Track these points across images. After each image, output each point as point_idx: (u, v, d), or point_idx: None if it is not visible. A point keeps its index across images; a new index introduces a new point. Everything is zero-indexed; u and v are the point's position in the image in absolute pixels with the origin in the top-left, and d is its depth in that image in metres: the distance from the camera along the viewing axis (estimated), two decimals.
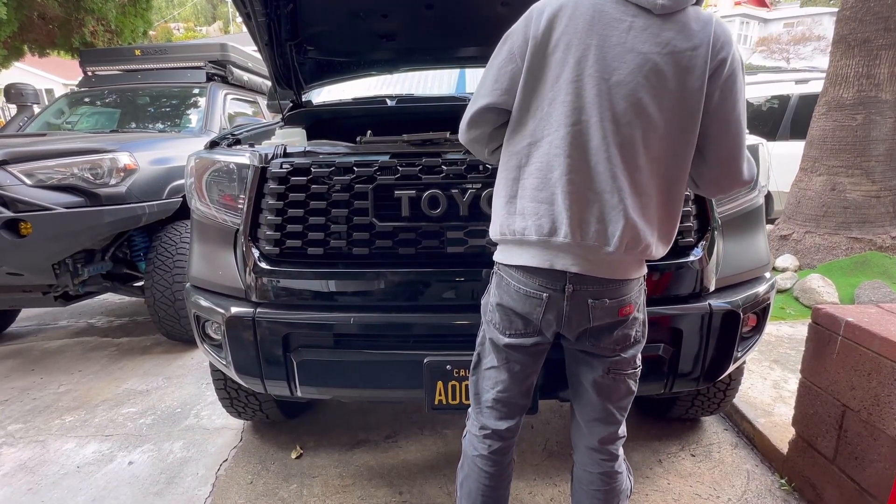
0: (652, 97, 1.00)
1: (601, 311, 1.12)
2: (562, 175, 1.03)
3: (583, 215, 1.05)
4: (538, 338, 1.18)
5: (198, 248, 1.82)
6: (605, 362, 1.20)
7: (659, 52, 0.99)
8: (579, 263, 1.08)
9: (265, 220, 1.57)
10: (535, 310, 1.13)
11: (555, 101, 1.03)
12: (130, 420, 2.53)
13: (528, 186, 1.08)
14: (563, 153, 1.03)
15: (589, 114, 1.01)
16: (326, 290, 1.57)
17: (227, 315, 1.61)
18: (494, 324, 1.21)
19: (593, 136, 1.02)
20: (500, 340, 1.21)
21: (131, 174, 2.98)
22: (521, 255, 1.12)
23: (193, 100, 4.43)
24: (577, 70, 1.01)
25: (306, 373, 1.58)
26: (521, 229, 1.09)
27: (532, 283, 1.12)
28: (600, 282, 1.10)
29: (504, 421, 1.28)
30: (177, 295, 3.15)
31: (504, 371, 1.24)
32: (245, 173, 1.64)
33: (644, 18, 1.00)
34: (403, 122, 2.38)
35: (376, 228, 1.52)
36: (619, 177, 1.02)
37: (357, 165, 1.52)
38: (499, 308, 1.19)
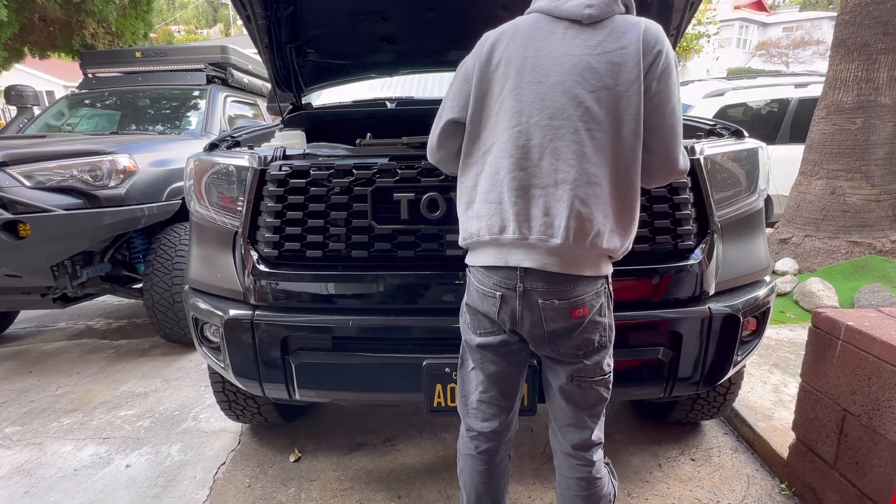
0: (588, 92, 1.07)
1: (552, 312, 1.13)
2: (507, 174, 1.10)
3: (528, 210, 1.10)
4: (503, 336, 1.20)
5: (196, 250, 1.82)
6: (567, 369, 1.21)
7: (591, 53, 1.07)
8: (530, 257, 1.11)
9: (264, 223, 1.57)
10: (491, 308, 1.17)
11: (500, 110, 1.12)
12: (128, 423, 2.52)
13: (481, 190, 1.15)
14: (507, 154, 1.10)
15: (529, 115, 1.09)
16: (325, 292, 1.57)
17: (225, 317, 1.60)
18: (466, 324, 1.27)
19: (534, 134, 1.09)
20: (472, 341, 1.25)
21: (131, 176, 2.98)
22: (480, 256, 1.18)
23: (193, 102, 4.43)
24: (517, 79, 1.10)
25: (305, 376, 1.58)
26: (476, 231, 1.16)
27: (488, 282, 1.16)
28: (552, 280, 1.12)
29: (488, 422, 1.30)
30: (175, 297, 3.14)
31: (481, 372, 1.27)
32: (244, 175, 1.64)
33: (575, 29, 1.10)
34: (403, 124, 2.38)
35: (375, 231, 1.51)
36: (562, 169, 1.08)
37: (356, 168, 1.51)
38: (467, 308, 1.26)
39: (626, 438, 2.30)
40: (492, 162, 1.13)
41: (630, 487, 1.98)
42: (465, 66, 1.19)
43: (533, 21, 1.14)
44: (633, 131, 1.09)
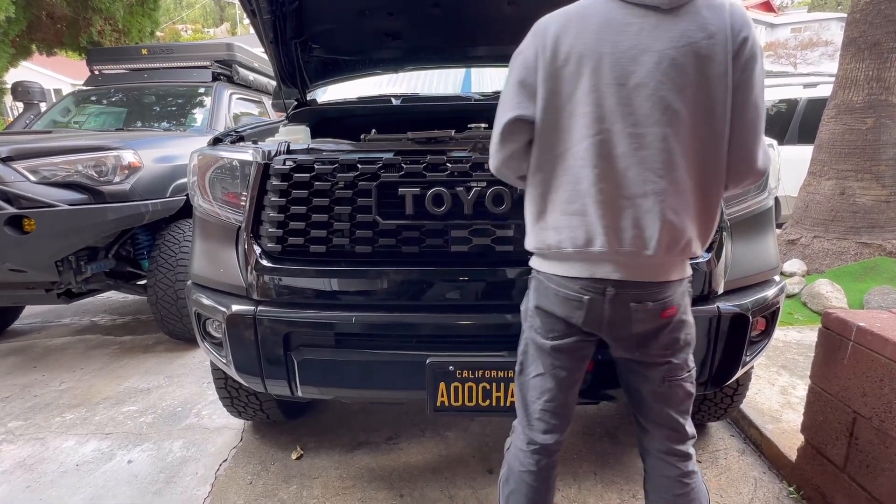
0: (675, 93, 0.98)
1: (643, 314, 1.10)
2: (591, 185, 1.02)
3: (617, 223, 1.03)
4: (579, 336, 1.16)
5: (200, 245, 1.81)
6: (658, 371, 1.17)
7: (674, 46, 0.97)
8: (620, 270, 1.07)
9: (267, 218, 1.56)
10: (574, 313, 1.12)
11: (573, 114, 1.03)
12: (131, 418, 2.51)
13: (557, 200, 1.08)
14: (588, 164, 1.02)
15: (611, 122, 1.00)
16: (328, 288, 1.55)
17: (227, 313, 1.59)
18: (536, 328, 1.20)
19: (618, 143, 1.00)
20: (543, 345, 1.19)
21: (135, 172, 2.97)
22: (560, 267, 1.12)
23: (199, 99, 4.44)
24: (593, 80, 1.00)
25: (307, 372, 1.56)
26: (555, 243, 1.08)
27: (572, 286, 1.10)
28: (642, 285, 1.08)
29: (552, 434, 1.25)
30: (179, 293, 3.14)
31: (550, 378, 1.21)
32: (248, 170, 1.63)
33: (653, 17, 0.98)
34: (408, 121, 2.36)
35: (379, 226, 1.50)
36: (651, 179, 1.01)
37: (361, 162, 1.50)
38: (538, 311, 1.18)
39: (631, 440, 2.27)
40: (568, 170, 1.05)
41: (636, 489, 1.96)
42: (524, 57, 1.06)
43: (602, 7, 1.01)
44: (720, 131, 1.01)
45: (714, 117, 1.00)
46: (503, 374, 1.47)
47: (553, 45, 1.02)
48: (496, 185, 1.46)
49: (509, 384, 1.48)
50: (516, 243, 1.49)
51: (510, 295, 1.50)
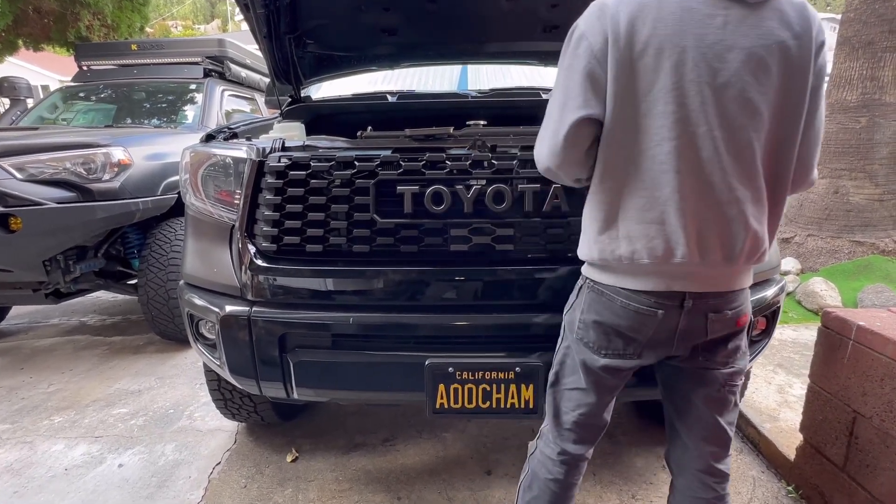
0: (760, 94, 0.92)
1: (720, 324, 1.06)
2: (673, 192, 0.95)
3: (701, 232, 0.97)
4: (638, 361, 1.10)
5: (192, 244, 1.76)
6: (720, 376, 1.13)
7: (762, 45, 0.91)
8: (701, 282, 1.02)
9: (262, 216, 1.52)
10: (644, 327, 1.06)
11: (650, 112, 0.94)
12: (121, 421, 2.46)
13: (630, 207, 0.99)
14: (670, 169, 0.94)
15: (696, 124, 0.92)
16: (325, 288, 1.52)
17: (221, 314, 1.55)
18: (587, 342, 1.13)
19: (703, 146, 0.93)
20: (594, 362, 1.12)
21: (125, 169, 2.92)
22: (630, 280, 1.04)
23: (190, 95, 4.37)
24: (674, 77, 0.91)
25: (303, 374, 1.53)
26: (628, 254, 1.00)
27: (645, 300, 1.04)
28: (720, 295, 1.04)
29: (584, 445, 1.22)
30: (171, 293, 3.09)
31: (592, 394, 1.16)
32: (242, 167, 1.59)
33: (738, 10, 0.91)
34: (405, 118, 2.33)
35: (377, 225, 1.46)
36: (736, 186, 0.95)
37: (358, 160, 1.46)
38: (596, 326, 1.10)
39: (629, 440, 2.26)
40: (644, 174, 0.96)
41: (634, 489, 1.95)
42: (590, 45, 0.94)
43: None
44: (794, 136, 0.97)
45: (792, 121, 0.96)
46: (504, 375, 1.45)
47: (628, 31, 0.91)
48: (496, 183, 1.43)
49: (510, 386, 1.46)
50: (516, 242, 1.46)
51: (511, 295, 1.48)
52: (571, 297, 1.21)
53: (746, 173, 0.95)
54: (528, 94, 2.43)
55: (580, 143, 1.00)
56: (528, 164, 1.44)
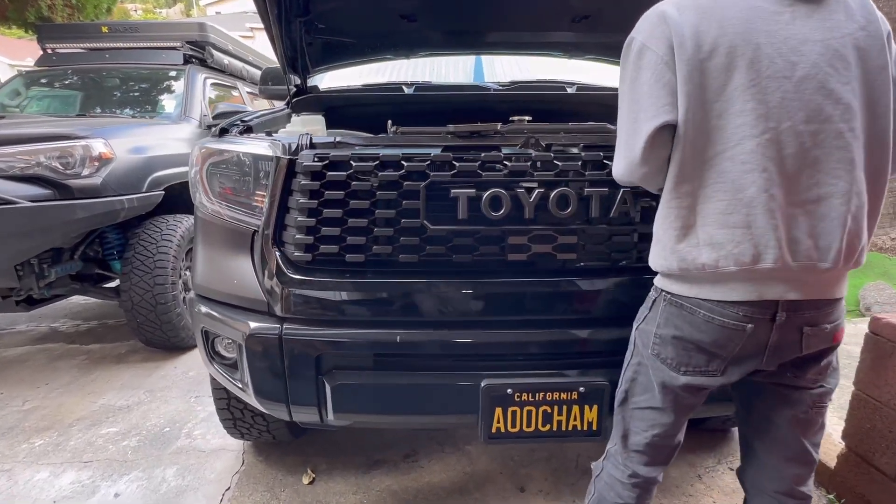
0: (844, 85, 0.89)
1: (816, 339, 0.98)
2: (759, 192, 0.90)
3: (791, 233, 0.91)
4: (721, 378, 1.01)
5: (204, 252, 1.58)
6: (808, 397, 1.06)
7: (835, 37, 0.89)
8: (795, 289, 0.94)
9: (294, 222, 1.35)
10: (730, 343, 0.97)
11: (726, 112, 0.90)
12: (112, 442, 2.24)
13: (711, 212, 0.94)
14: (756, 168, 0.90)
15: (778, 119, 0.89)
16: (368, 303, 1.36)
17: (246, 332, 1.38)
18: (665, 359, 1.04)
19: (788, 143, 0.89)
20: (673, 380, 1.04)
21: (107, 164, 2.65)
22: (716, 290, 0.96)
23: (169, 83, 4.07)
24: (751, 75, 0.89)
25: (342, 398, 1.37)
26: (712, 261, 0.93)
27: (732, 314, 0.95)
28: (817, 305, 0.96)
29: (656, 467, 1.14)
30: (158, 299, 2.85)
31: (669, 414, 1.07)
32: (267, 166, 1.41)
33: (802, 7, 0.91)
34: (424, 112, 2.16)
35: (428, 232, 1.31)
36: (826, 182, 0.90)
37: (406, 159, 1.31)
38: (674, 341, 1.02)
39: None
40: (724, 176, 0.92)
41: (675, 503, 1.87)
42: (655, 53, 0.93)
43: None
44: (887, 126, 0.93)
45: (880, 112, 0.93)
46: (566, 396, 1.33)
47: (694, 34, 0.90)
48: (559, 186, 1.30)
49: (572, 407, 1.34)
50: (581, 250, 1.34)
51: (574, 309, 1.36)
52: (643, 309, 1.12)
53: (839, 166, 0.91)
54: (552, 88, 2.31)
55: (660, 153, 0.97)
56: (593, 165, 1.32)
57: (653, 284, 1.10)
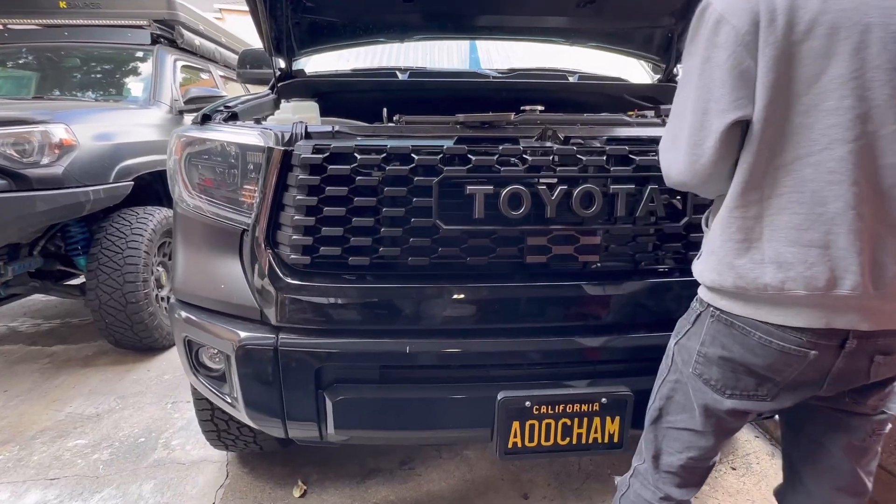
0: None
1: (887, 368, 0.88)
2: (846, 209, 0.77)
3: (876, 256, 0.80)
4: (771, 404, 0.92)
5: (186, 252, 1.42)
6: (868, 424, 0.96)
7: None
8: (870, 318, 0.82)
9: (291, 221, 1.21)
10: (787, 368, 0.87)
11: (816, 108, 0.77)
12: (81, 456, 2.06)
13: (781, 225, 0.81)
14: (846, 179, 0.76)
15: (881, 121, 0.75)
16: (374, 310, 1.24)
17: (236, 342, 1.24)
18: (709, 380, 0.94)
19: (887, 151, 0.76)
20: (717, 404, 0.94)
21: (69, 151, 2.43)
22: (776, 312, 0.84)
23: (135, 65, 3.79)
24: (854, 63, 0.74)
25: (344, 414, 1.25)
26: (776, 282, 0.81)
27: (794, 339, 0.84)
28: (892, 333, 0.85)
29: (690, 489, 1.05)
30: (129, 297, 2.65)
31: (708, 437, 0.98)
32: (256, 158, 1.27)
33: None
34: (420, 99, 2.03)
35: (441, 233, 1.20)
36: None
37: (416, 152, 1.18)
38: (721, 362, 0.92)
39: None
40: (803, 186, 0.79)
41: None
42: (734, 28, 0.77)
43: None
44: None
45: None
46: (588, 407, 1.24)
47: (787, 9, 0.74)
48: (583, 182, 1.20)
49: (593, 419, 1.26)
50: (606, 252, 1.25)
51: (598, 315, 1.27)
52: (683, 322, 1.02)
53: None
54: (554, 77, 2.20)
55: (731, 153, 0.83)
56: (618, 160, 1.23)
57: (697, 297, 0.99)
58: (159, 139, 3.02)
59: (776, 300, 0.84)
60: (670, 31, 2.14)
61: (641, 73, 2.62)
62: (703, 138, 0.82)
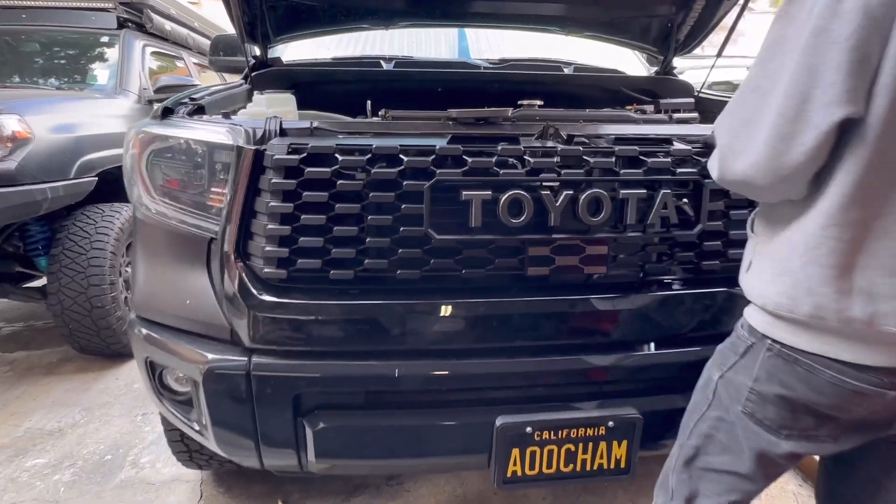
0: None
1: None
2: None
3: None
4: (833, 445, 0.81)
5: (146, 262, 1.28)
6: None
7: None
8: None
9: (264, 231, 1.07)
10: (857, 408, 0.76)
11: None
12: (40, 477, 1.90)
13: (881, 252, 0.69)
14: None
15: None
16: (359, 329, 1.11)
17: (204, 366, 1.11)
18: (763, 419, 0.82)
19: None
20: (772, 446, 0.82)
21: (24, 145, 2.23)
22: (856, 349, 0.72)
23: (101, 50, 3.56)
24: None
25: (327, 443, 1.13)
26: (865, 316, 0.69)
27: (873, 379, 0.73)
28: None
29: None
30: (94, 302, 2.47)
31: (757, 481, 0.87)
32: (224, 157, 1.13)
33: None
34: (409, 92, 1.90)
35: (433, 243, 1.07)
36: None
37: (405, 153, 1.06)
38: (780, 401, 0.80)
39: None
40: None
41: None
42: (868, 4, 0.61)
43: None
44: None
45: None
46: (593, 431, 1.15)
47: None
48: (590, 186, 1.09)
49: (599, 444, 1.16)
50: (610, 263, 1.14)
51: (605, 331, 1.16)
52: (729, 353, 0.89)
53: None
54: (549, 69, 2.08)
55: (823, 154, 0.68)
56: (627, 162, 1.12)
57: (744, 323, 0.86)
58: (126, 131, 2.83)
59: (858, 336, 0.72)
60: (669, 21, 2.03)
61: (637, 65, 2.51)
62: (797, 132, 0.66)
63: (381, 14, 1.90)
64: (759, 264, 0.81)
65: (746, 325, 0.85)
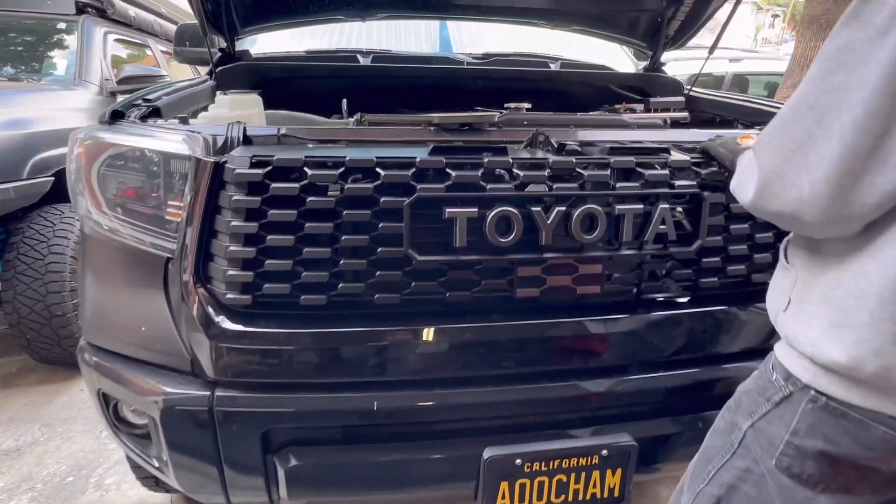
0: None
1: None
2: None
3: None
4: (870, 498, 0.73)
5: (96, 283, 1.16)
6: None
7: None
8: None
9: (225, 253, 0.96)
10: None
11: None
12: None
13: None
14: None
15: None
16: (333, 359, 1.02)
17: (161, 401, 1.00)
18: (800, 474, 0.73)
19: None
20: (808, 502, 0.73)
21: None
22: None
23: (58, 37, 3.34)
24: None
25: (298, 480, 1.04)
26: None
27: None
28: None
29: None
30: (54, 310, 2.32)
31: None
32: (180, 167, 1.01)
33: None
34: (387, 88, 1.79)
35: (414, 265, 0.98)
36: None
37: (382, 166, 0.95)
38: (821, 457, 0.71)
39: None
40: None
41: None
42: None
43: None
44: None
45: None
46: (586, 461, 1.08)
47: None
48: (585, 202, 1.00)
49: (592, 473, 1.09)
50: (605, 283, 1.06)
51: (601, 355, 1.09)
52: (759, 400, 0.79)
53: None
54: (534, 64, 1.99)
55: None
56: (623, 174, 1.04)
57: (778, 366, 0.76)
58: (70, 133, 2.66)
59: None
60: (659, 16, 1.95)
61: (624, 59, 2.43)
62: (870, 170, 0.56)
63: (357, 4, 1.77)
64: (806, 307, 0.71)
65: (781, 369, 0.75)
